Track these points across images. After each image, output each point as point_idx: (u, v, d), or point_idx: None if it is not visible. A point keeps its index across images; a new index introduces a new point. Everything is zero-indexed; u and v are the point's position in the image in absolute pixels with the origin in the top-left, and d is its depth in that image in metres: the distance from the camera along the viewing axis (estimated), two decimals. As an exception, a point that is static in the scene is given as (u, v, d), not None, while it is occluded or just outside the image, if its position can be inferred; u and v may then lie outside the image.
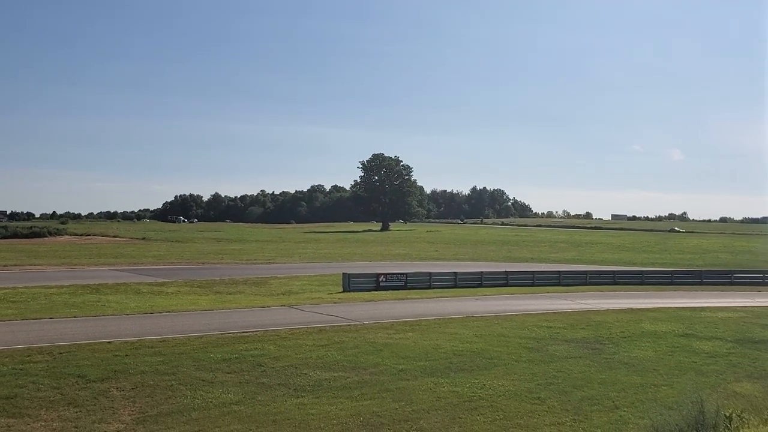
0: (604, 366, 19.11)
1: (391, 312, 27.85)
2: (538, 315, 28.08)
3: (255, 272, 45.58)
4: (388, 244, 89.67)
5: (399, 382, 16.63)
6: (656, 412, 13.48)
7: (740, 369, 19.43)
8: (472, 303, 31.93)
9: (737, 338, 23.66)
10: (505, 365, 18.78)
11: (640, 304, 32.37)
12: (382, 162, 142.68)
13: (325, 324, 24.18)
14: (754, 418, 12.00)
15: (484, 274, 41.97)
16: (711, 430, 11.00)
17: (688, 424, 11.14)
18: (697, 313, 29.48)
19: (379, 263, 55.62)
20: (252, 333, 21.96)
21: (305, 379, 16.67)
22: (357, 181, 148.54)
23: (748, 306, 32.51)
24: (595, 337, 23.24)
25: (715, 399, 12.99)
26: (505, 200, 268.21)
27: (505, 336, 22.83)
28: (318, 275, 43.86)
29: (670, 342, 22.75)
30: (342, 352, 19.51)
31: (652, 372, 18.66)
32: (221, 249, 73.42)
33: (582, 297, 35.66)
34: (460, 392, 15.98)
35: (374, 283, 37.20)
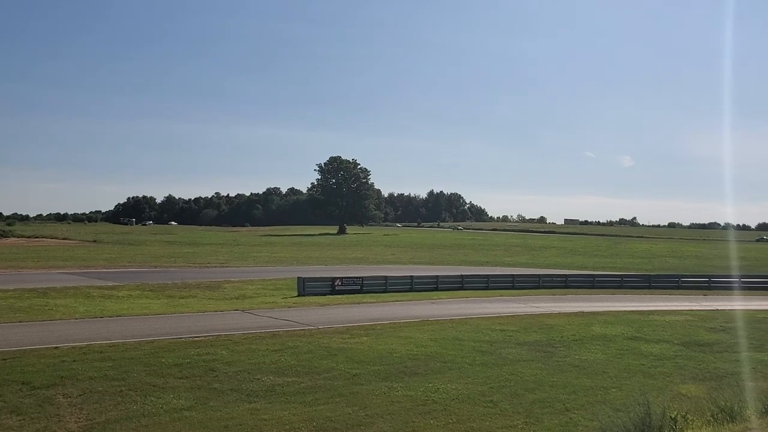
0: (555, 369, 19.40)
1: (346, 316, 27.79)
2: (492, 318, 28.36)
3: (208, 276, 44.99)
4: (345, 247, 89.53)
5: (353, 387, 16.60)
6: (605, 414, 13.75)
7: (686, 371, 19.92)
8: (428, 307, 32.08)
9: (684, 341, 24.25)
10: (459, 369, 18.91)
11: (590, 307, 32.96)
12: (339, 165, 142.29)
13: (279, 328, 24.00)
14: (698, 419, 12.28)
15: (440, 278, 42.22)
16: (657, 431, 11.25)
17: (635, 425, 11.38)
18: (645, 316, 30.14)
19: (335, 267, 55.49)
20: (204, 337, 21.67)
21: (258, 384, 16.52)
22: (314, 184, 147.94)
23: (695, 309, 33.37)
24: (547, 340, 23.57)
25: (661, 401, 13.31)
26: (461, 204, 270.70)
27: (459, 339, 23.00)
28: (273, 279, 43.49)
29: (620, 345, 23.21)
30: (296, 356, 19.39)
31: (602, 374, 19.00)
32: (174, 252, 72.30)
33: (535, 300, 36.14)
34: (414, 396, 16.03)
35: (330, 287, 37.05)
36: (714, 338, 24.90)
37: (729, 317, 30.25)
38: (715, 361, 21.16)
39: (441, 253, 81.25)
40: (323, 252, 78.28)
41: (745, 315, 30.77)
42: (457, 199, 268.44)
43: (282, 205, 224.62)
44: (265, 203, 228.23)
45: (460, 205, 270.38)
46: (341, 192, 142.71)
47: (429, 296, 36.78)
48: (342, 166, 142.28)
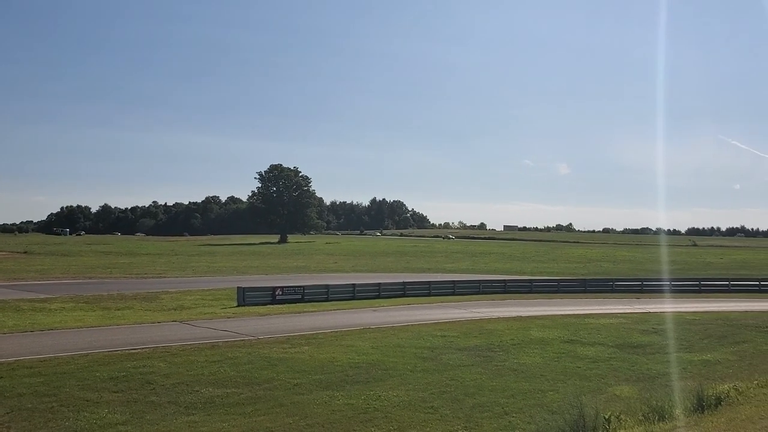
0: (494, 373, 19.70)
1: (286, 326, 27.59)
2: (434, 324, 28.62)
3: (145, 287, 43.96)
4: (286, 256, 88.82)
5: (293, 397, 16.49)
6: (542, 417, 14.08)
7: (620, 373, 20.51)
8: (370, 314, 32.14)
9: (618, 343, 24.96)
10: (401, 375, 19.00)
11: (529, 311, 33.62)
12: (280, 173, 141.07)
13: (218, 339, 23.66)
14: (631, 418, 12.69)
15: (382, 285, 42.31)
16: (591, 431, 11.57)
17: (570, 427, 11.68)
18: (581, 319, 30.90)
19: (276, 276, 54.99)
20: (141, 350, 21.20)
21: (196, 396, 16.24)
22: (254, 192, 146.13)
23: (628, 312, 34.41)
24: (486, 344, 23.91)
25: (595, 402, 13.69)
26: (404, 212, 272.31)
27: (401, 346, 23.11)
28: (212, 289, 42.83)
29: (557, 348, 23.74)
30: (235, 367, 19.15)
31: (540, 378, 19.38)
32: (110, 263, 70.34)
33: (475, 306, 36.62)
34: (355, 404, 16.03)
35: (270, 297, 36.71)
36: (646, 340, 25.71)
37: (660, 319, 31.30)
38: (647, 363, 21.85)
39: (383, 260, 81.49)
40: (264, 261, 77.48)
41: (675, 317, 31.89)
42: (400, 207, 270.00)
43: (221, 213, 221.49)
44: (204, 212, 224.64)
45: (403, 212, 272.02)
46: (282, 200, 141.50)
47: (371, 304, 36.84)
48: (283, 174, 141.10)
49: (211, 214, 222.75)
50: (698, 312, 34.37)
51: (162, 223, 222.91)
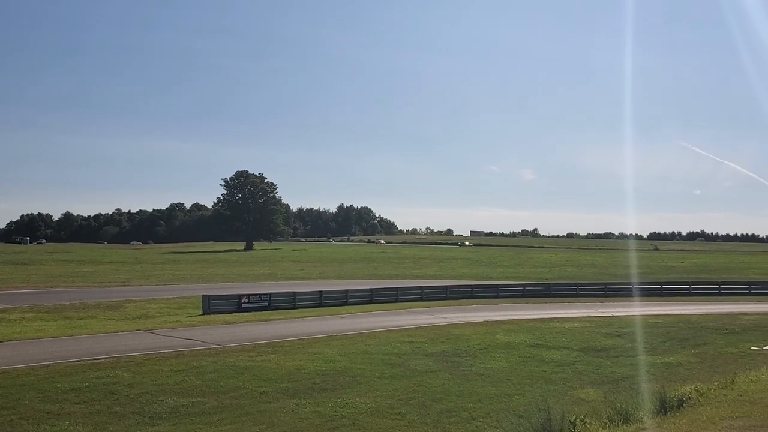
0: (461, 378, 19.78)
1: (253, 334, 27.36)
2: (401, 330, 28.66)
3: (109, 295, 43.20)
4: (252, 264, 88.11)
5: (260, 405, 16.35)
6: (508, 421, 14.17)
7: (585, 376, 20.77)
8: (337, 322, 32.05)
9: (582, 347, 25.28)
10: (368, 382, 18.97)
11: (495, 316, 33.85)
12: (245, 179, 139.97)
13: (184, 348, 23.36)
14: (596, 421, 12.83)
15: (349, 292, 42.22)
16: (557, 435, 11.67)
17: (537, 431, 11.77)
18: (546, 324, 31.23)
19: (242, 284, 54.52)
20: (104, 360, 20.83)
21: (161, 406, 15.99)
22: (219, 199, 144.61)
23: (592, 316, 34.88)
24: (454, 350, 24.01)
25: (561, 406, 13.81)
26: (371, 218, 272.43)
27: (368, 353, 23.09)
28: (177, 297, 42.26)
29: (523, 352, 23.94)
30: (201, 376, 18.92)
31: (506, 382, 19.52)
32: (72, 271, 68.96)
33: (443, 311, 36.76)
34: (323, 412, 15.95)
35: (236, 305, 36.37)
36: (610, 343, 26.08)
37: (624, 323, 31.80)
38: (611, 366, 22.17)
39: (351, 267, 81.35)
40: (230, 269, 76.76)
41: (638, 320, 32.42)
42: (368, 213, 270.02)
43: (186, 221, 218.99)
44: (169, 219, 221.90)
45: (371, 218, 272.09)
46: (248, 207, 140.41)
47: (338, 311, 36.74)
48: (249, 180, 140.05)
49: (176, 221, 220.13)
50: (660, 315, 35.00)
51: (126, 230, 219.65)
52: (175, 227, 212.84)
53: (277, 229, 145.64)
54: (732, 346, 25.54)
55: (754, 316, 34.22)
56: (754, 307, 39.47)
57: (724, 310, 38.06)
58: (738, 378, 15.89)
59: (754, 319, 33.20)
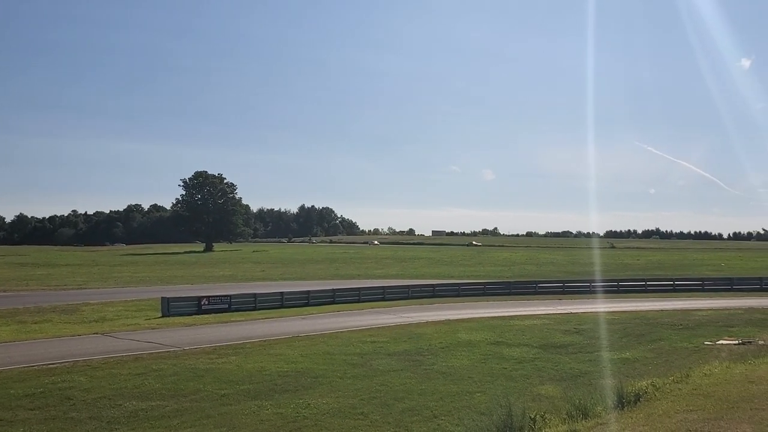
0: (423, 377, 19.86)
1: (213, 336, 27.09)
2: (363, 330, 28.67)
3: (65, 299, 42.30)
4: (212, 265, 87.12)
5: (221, 408, 16.17)
6: (470, 418, 14.26)
7: (544, 372, 21.02)
8: (299, 322, 31.92)
9: (542, 344, 25.61)
10: (330, 383, 18.91)
11: (456, 315, 34.10)
12: (205, 180, 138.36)
13: (142, 351, 23.01)
14: (555, 417, 12.99)
15: (311, 293, 42.08)
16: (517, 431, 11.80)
17: (498, 427, 11.88)
18: (506, 321, 31.57)
19: (201, 286, 53.89)
20: (60, 364, 20.43)
21: (119, 411, 15.70)
22: (178, 200, 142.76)
23: (551, 313, 35.37)
24: (416, 349, 24.10)
25: (521, 402, 13.98)
26: (333, 218, 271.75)
27: (330, 354, 23.04)
28: (135, 300, 41.62)
29: (483, 350, 24.15)
30: (160, 379, 18.64)
31: (467, 380, 19.65)
32: (26, 275, 67.29)
33: (405, 311, 36.89)
34: (284, 413, 15.84)
35: (196, 307, 35.96)
36: (569, 340, 26.48)
37: (582, 320, 32.33)
38: (570, 362, 22.48)
39: (312, 267, 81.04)
40: (189, 270, 75.79)
41: (596, 317, 33.01)
42: (329, 214, 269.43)
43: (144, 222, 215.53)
44: (127, 221, 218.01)
45: (332, 219, 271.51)
46: (207, 208, 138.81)
47: (300, 312, 36.60)
48: (208, 181, 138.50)
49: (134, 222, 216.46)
50: (617, 312, 35.67)
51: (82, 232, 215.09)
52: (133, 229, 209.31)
53: (237, 230, 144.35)
54: (686, 341, 26.13)
55: (707, 312, 35.11)
56: (707, 303, 40.51)
57: (679, 306, 38.95)
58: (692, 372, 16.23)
59: (707, 314, 34.06)
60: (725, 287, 52.06)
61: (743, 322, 30.83)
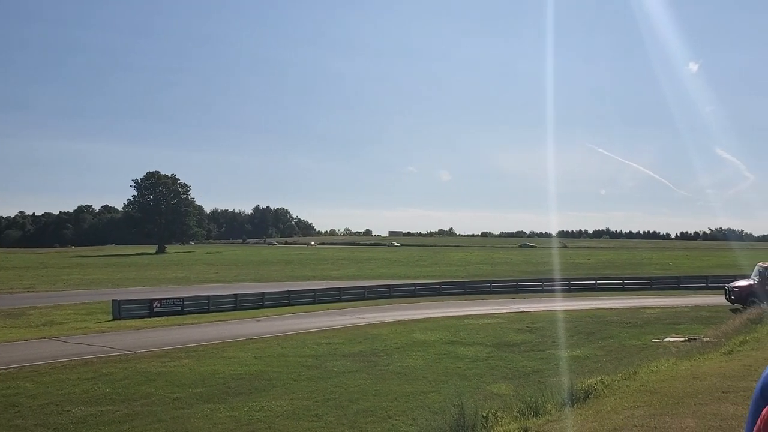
0: (378, 377, 19.92)
1: (165, 339, 26.68)
2: (318, 332, 28.59)
3: (10, 302, 41.07)
4: (165, 267, 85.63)
5: (173, 412, 15.95)
6: (424, 418, 14.37)
7: (497, 371, 21.30)
8: (253, 325, 31.65)
9: (495, 342, 25.93)
10: (284, 385, 18.83)
11: (412, 315, 34.24)
12: (157, 180, 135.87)
13: (92, 355, 22.54)
14: (507, 415, 13.17)
15: (265, 295, 41.72)
16: (470, 430, 11.94)
17: (451, 426, 12.00)
18: (461, 321, 31.85)
19: (154, 288, 52.94)
20: (5, 371, 19.89)
21: (67, 417, 15.36)
22: (130, 201, 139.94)
23: (504, 312, 35.80)
24: (371, 349, 24.15)
25: (474, 401, 14.13)
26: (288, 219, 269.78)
27: (284, 356, 22.92)
28: (85, 303, 40.66)
29: (438, 350, 24.33)
30: (110, 384, 18.29)
31: (422, 379, 19.80)
32: (-32, 278, 65.12)
33: (361, 312, 36.89)
34: (238, 416, 15.72)
35: (148, 310, 35.35)
36: (522, 338, 26.87)
37: (534, 318, 32.82)
38: (522, 360, 22.83)
39: (267, 269, 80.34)
40: (141, 273, 74.37)
41: (548, 315, 33.55)
42: (284, 215, 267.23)
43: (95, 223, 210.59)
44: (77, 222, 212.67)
45: (288, 220, 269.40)
46: (160, 209, 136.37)
47: (255, 314, 36.27)
48: (160, 181, 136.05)
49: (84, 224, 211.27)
50: (569, 310, 36.26)
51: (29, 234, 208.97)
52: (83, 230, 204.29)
53: (190, 231, 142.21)
54: (635, 338, 26.76)
55: (655, 310, 35.97)
56: (655, 301, 41.50)
57: (628, 304, 39.76)
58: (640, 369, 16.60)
59: (655, 312, 34.90)
60: (673, 286, 53.34)
61: (689, 320, 31.71)
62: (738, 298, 35.49)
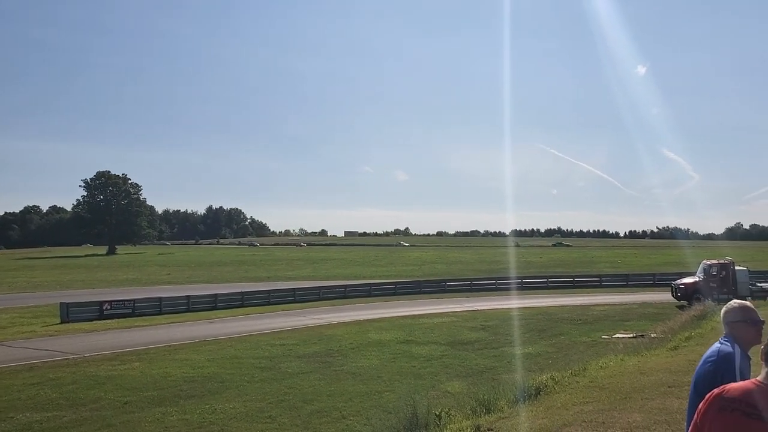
0: (333, 378, 19.89)
1: (116, 342, 26.18)
2: (272, 333, 28.41)
3: (-48, 307, 39.71)
4: (115, 269, 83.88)
5: (123, 416, 15.65)
6: (378, 417, 14.43)
7: (451, 369, 21.47)
8: (206, 327, 31.28)
9: (449, 341, 26.14)
10: (238, 387, 18.65)
11: (367, 315, 34.29)
12: (107, 180, 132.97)
13: (38, 360, 21.98)
14: (459, 413, 13.31)
15: (218, 296, 41.29)
16: (423, 429, 12.03)
17: (404, 425, 12.08)
18: (416, 320, 32.04)
19: (104, 290, 51.87)
20: (-55, 378, 19.17)
21: (11, 424, 14.94)
22: (79, 201, 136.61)
23: (459, 311, 36.14)
24: (326, 350, 24.10)
25: (428, 399, 14.25)
26: (242, 220, 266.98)
27: (238, 357, 22.71)
28: (32, 306, 39.63)
29: (393, 349, 24.41)
30: (57, 389, 17.85)
31: (377, 379, 19.83)
32: None
33: (315, 312, 36.78)
34: (190, 419, 15.51)
35: (98, 312, 34.65)
36: (475, 336, 27.16)
37: (488, 316, 33.21)
38: (476, 358, 23.07)
39: (221, 270, 79.38)
40: (91, 274, 72.71)
41: (501, 313, 33.98)
42: (238, 215, 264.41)
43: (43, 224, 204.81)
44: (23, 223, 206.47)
45: (241, 220, 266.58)
46: (110, 209, 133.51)
47: (208, 316, 35.87)
48: (111, 181, 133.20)
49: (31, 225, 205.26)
50: (521, 308, 36.77)
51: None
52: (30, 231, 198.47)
53: (141, 232, 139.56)
54: (585, 335, 27.29)
55: (604, 307, 36.76)
56: (604, 299, 42.40)
57: (578, 302, 40.56)
58: (589, 365, 16.94)
59: (604, 309, 35.67)
60: (621, 283, 54.56)
61: (637, 316, 32.49)
62: (684, 295, 36.55)
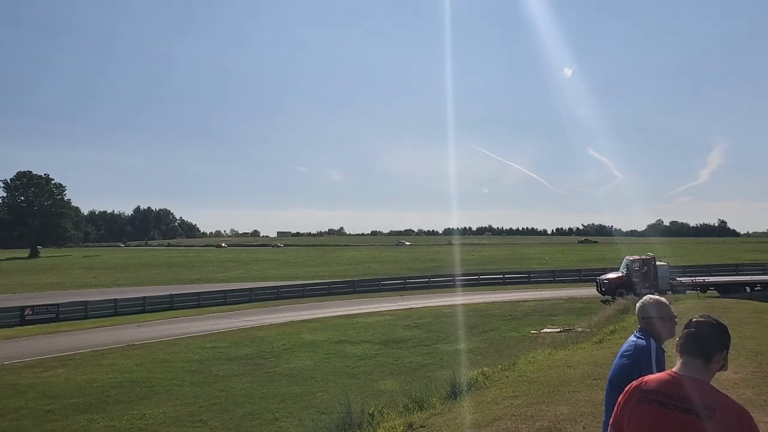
0: (265, 380, 19.70)
1: (38, 348, 25.21)
2: (203, 336, 27.92)
3: None
4: (38, 272, 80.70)
5: (45, 425, 15.10)
6: (311, 418, 14.38)
7: (385, 368, 21.59)
8: (134, 330, 30.47)
9: (383, 340, 26.27)
10: (167, 391, 18.26)
11: (300, 316, 34.11)
12: (29, 181, 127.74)
13: (-47, 370, 20.93)
14: (393, 411, 13.40)
15: (147, 299, 40.35)
16: (356, 428, 12.05)
17: (338, 425, 12.07)
18: (350, 319, 32.05)
19: (26, 295, 49.89)
20: None
21: (-77, 439, 14.22)
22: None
23: (393, 309, 36.35)
24: (257, 352, 23.84)
25: (361, 399, 14.28)
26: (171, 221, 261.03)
27: (167, 361, 22.23)
28: (-54, 314, 37.62)
29: (327, 349, 24.37)
30: (-26, 400, 17.07)
31: (310, 380, 19.75)
32: None
33: (247, 314, 36.33)
34: (118, 426, 15.09)
35: (19, 317, 33.36)
36: (408, 334, 27.37)
37: (421, 314, 33.51)
38: (409, 356, 23.26)
39: (149, 273, 77.44)
40: (11, 278, 69.73)
41: (433, 311, 34.35)
42: (167, 216, 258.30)
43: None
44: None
45: (170, 221, 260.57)
46: (32, 211, 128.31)
47: (136, 319, 34.96)
48: (33, 182, 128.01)
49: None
50: (453, 305, 37.31)
51: None
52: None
53: (66, 234, 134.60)
54: (514, 330, 27.87)
55: (533, 303, 37.62)
56: (533, 294, 43.43)
57: (508, 298, 41.40)
58: (518, 360, 17.32)
59: (533, 305, 36.51)
60: (549, 279, 56.02)
61: (564, 311, 33.39)
62: (608, 289, 37.83)
